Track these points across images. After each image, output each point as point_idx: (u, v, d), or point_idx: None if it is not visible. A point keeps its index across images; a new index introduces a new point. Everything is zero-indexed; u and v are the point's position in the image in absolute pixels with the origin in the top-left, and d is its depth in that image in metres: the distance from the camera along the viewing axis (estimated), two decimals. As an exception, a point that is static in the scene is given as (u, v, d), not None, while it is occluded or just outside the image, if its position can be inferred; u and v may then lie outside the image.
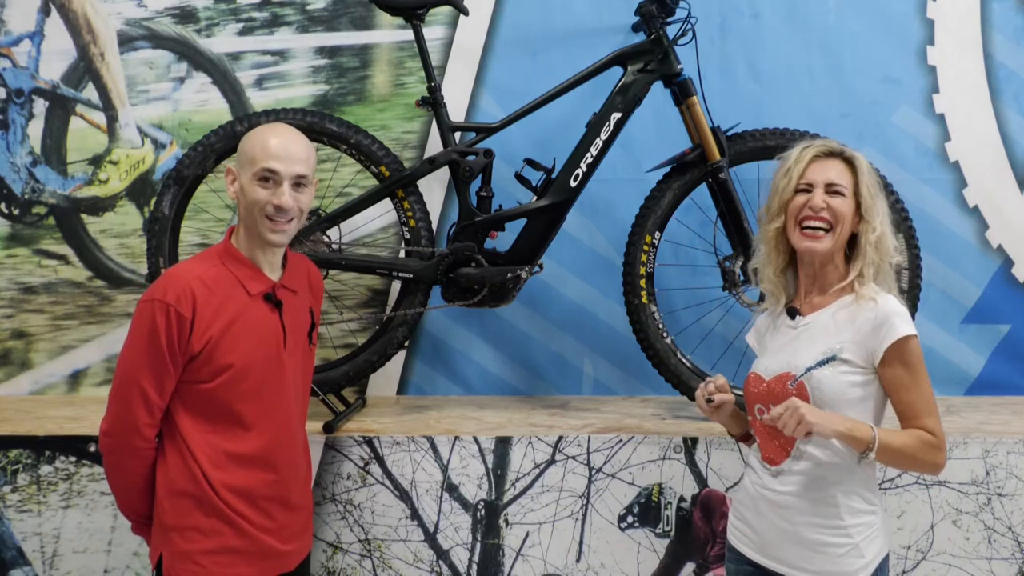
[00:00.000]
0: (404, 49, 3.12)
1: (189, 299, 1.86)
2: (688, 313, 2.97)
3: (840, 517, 1.84)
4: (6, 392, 3.17)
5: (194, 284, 1.88)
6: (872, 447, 1.77)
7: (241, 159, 1.97)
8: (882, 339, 1.80)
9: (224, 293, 1.92)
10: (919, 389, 1.82)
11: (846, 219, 1.88)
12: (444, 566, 2.54)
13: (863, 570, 1.83)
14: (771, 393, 1.90)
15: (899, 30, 3.08)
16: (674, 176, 2.74)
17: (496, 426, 2.64)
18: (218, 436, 1.92)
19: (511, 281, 2.70)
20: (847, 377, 1.83)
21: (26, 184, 3.17)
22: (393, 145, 3.02)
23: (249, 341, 1.93)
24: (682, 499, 2.51)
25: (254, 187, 1.93)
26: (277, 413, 2.00)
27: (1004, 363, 3.10)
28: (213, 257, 1.97)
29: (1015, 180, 3.09)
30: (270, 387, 1.98)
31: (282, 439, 2.02)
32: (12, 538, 2.55)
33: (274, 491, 2.00)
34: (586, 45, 2.97)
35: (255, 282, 1.96)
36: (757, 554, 1.93)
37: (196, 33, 3.15)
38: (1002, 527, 2.47)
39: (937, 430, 1.81)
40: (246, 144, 1.98)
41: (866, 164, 1.92)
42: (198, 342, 1.87)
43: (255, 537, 1.95)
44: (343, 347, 3.06)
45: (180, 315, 1.85)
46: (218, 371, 1.90)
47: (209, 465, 1.91)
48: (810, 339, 1.89)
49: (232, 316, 1.91)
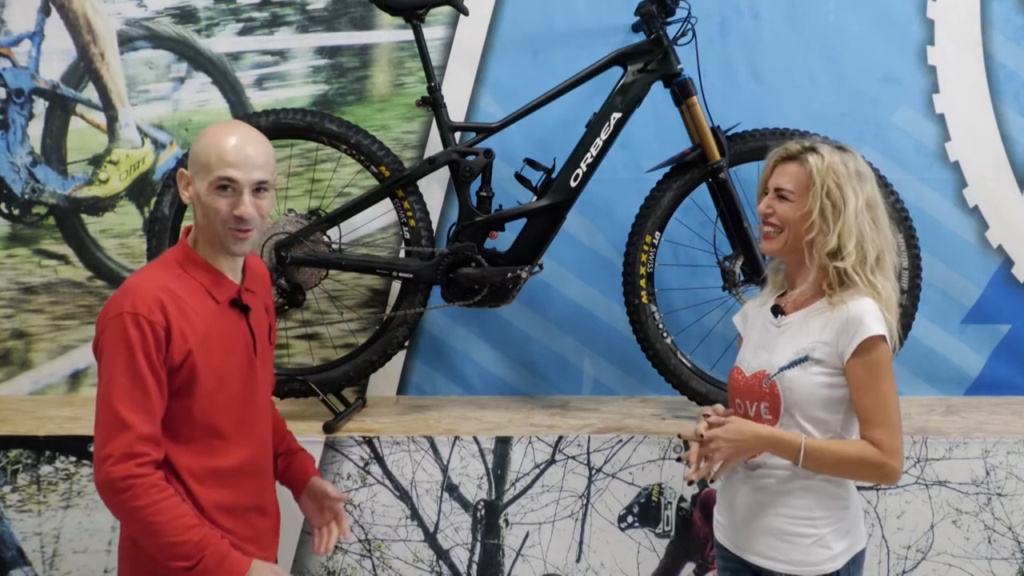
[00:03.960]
0: (404, 49, 3.12)
1: (159, 308, 1.72)
2: (688, 313, 2.97)
3: (810, 509, 1.86)
4: (6, 392, 3.17)
5: (161, 294, 1.74)
6: (798, 459, 1.79)
7: (195, 164, 1.80)
8: (850, 339, 1.81)
9: (194, 303, 1.79)
10: (876, 395, 1.80)
11: (791, 223, 1.89)
12: (444, 566, 2.54)
13: (830, 562, 1.85)
14: (748, 389, 1.92)
15: (899, 30, 3.07)
16: (674, 176, 2.74)
17: (496, 426, 2.64)
18: (200, 452, 1.82)
19: (511, 281, 2.70)
20: (818, 378, 1.84)
21: (26, 184, 3.16)
22: (393, 145, 3.01)
23: (223, 351, 1.83)
24: (682, 499, 2.52)
25: (212, 196, 1.79)
26: (253, 422, 1.92)
27: (1004, 363, 3.10)
28: (172, 264, 1.83)
29: (1015, 180, 3.09)
30: (246, 396, 1.89)
31: (259, 447, 1.95)
32: (12, 538, 2.55)
33: (253, 500, 1.93)
34: (586, 45, 2.97)
35: (221, 289, 1.84)
36: (737, 547, 1.95)
37: (196, 33, 3.15)
38: (1002, 527, 2.47)
39: (885, 441, 1.79)
40: (199, 148, 1.81)
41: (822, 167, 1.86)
42: (178, 354, 1.74)
43: (239, 547, 1.85)
44: (343, 347, 3.06)
45: (152, 323, 1.71)
46: (198, 385, 1.78)
47: (193, 482, 1.80)
48: (788, 339, 1.90)
49: (206, 327, 1.79)
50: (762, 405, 1.89)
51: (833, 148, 1.91)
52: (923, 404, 2.94)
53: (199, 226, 1.85)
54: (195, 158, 1.82)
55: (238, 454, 1.87)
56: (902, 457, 1.84)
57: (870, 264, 1.85)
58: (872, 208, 1.88)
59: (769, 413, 1.88)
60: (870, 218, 1.87)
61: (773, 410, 1.87)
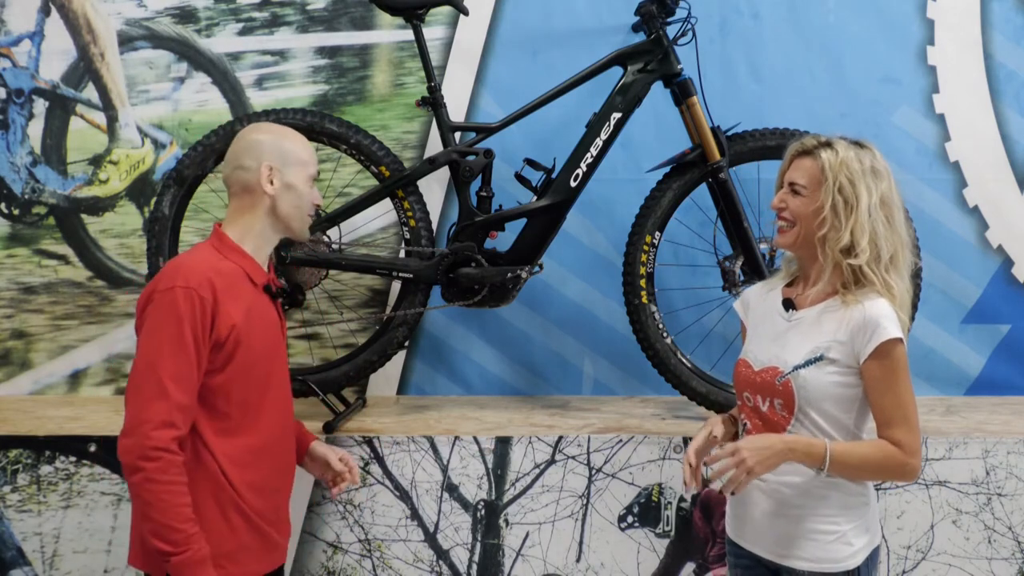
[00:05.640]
0: (404, 49, 3.12)
1: (208, 285, 1.83)
2: (688, 313, 2.97)
3: (830, 506, 1.86)
4: (6, 392, 3.17)
5: (210, 272, 1.86)
6: (823, 465, 1.79)
7: (288, 159, 1.98)
8: (867, 341, 1.80)
9: (236, 282, 1.92)
10: (895, 395, 1.81)
11: (803, 219, 1.88)
12: (444, 566, 2.54)
13: (851, 558, 1.85)
14: (759, 384, 1.91)
15: (899, 30, 3.08)
16: (674, 176, 2.74)
17: (496, 426, 2.64)
18: (233, 431, 1.90)
19: (511, 281, 2.70)
20: (832, 377, 1.84)
21: (26, 184, 3.16)
22: (393, 145, 3.02)
23: (261, 331, 1.95)
24: (682, 499, 2.52)
25: (307, 187, 2.01)
26: (281, 401, 2.03)
27: (1004, 363, 3.10)
28: (211, 250, 1.95)
29: (1015, 180, 3.09)
30: (276, 377, 2.01)
31: (285, 427, 2.05)
32: (12, 538, 2.55)
33: (279, 481, 2.02)
34: (586, 45, 2.97)
35: (257, 274, 1.98)
36: (751, 544, 1.94)
37: (196, 33, 3.15)
38: (1002, 527, 2.47)
39: (905, 440, 1.80)
40: (290, 144, 2.01)
41: (835, 162, 1.85)
42: (224, 328, 1.84)
43: (265, 532, 1.96)
44: (343, 347, 3.06)
45: (203, 299, 1.81)
46: (239, 361, 1.88)
47: (226, 461, 1.88)
48: (800, 335, 1.89)
49: (248, 305, 1.92)
50: (775, 401, 1.88)
51: (849, 144, 1.89)
52: (923, 404, 2.93)
53: (269, 215, 1.98)
54: (288, 152, 1.99)
55: (266, 432, 1.96)
56: (921, 455, 1.84)
57: (884, 262, 1.84)
58: (887, 206, 1.86)
59: (783, 410, 1.87)
60: (884, 216, 1.85)
61: (787, 407, 1.86)
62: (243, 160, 1.97)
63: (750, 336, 2.03)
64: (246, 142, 2.00)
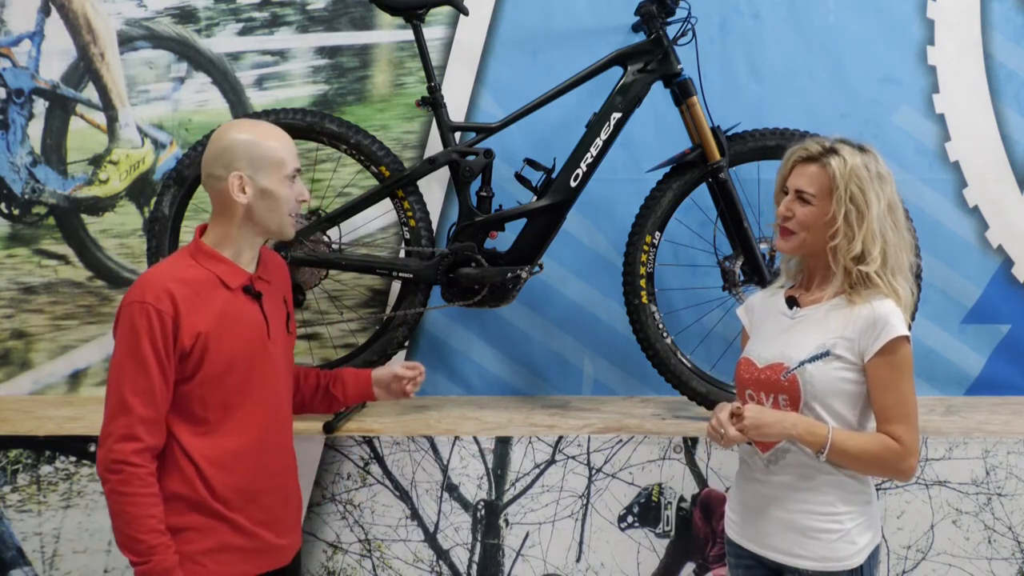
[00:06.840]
0: (404, 49, 3.12)
1: (167, 296, 1.84)
2: (688, 313, 2.97)
3: (833, 504, 1.86)
4: (6, 392, 3.17)
5: (170, 284, 1.86)
6: (824, 449, 1.79)
7: (260, 162, 1.93)
8: (875, 338, 1.81)
9: (204, 290, 1.90)
10: (898, 393, 1.82)
11: (810, 227, 1.88)
12: (444, 566, 2.54)
13: (855, 556, 1.85)
14: (763, 381, 1.91)
15: (899, 30, 3.07)
16: (674, 176, 2.74)
17: (496, 426, 2.64)
18: (212, 433, 1.91)
19: (511, 281, 2.70)
20: (838, 373, 1.84)
21: (26, 184, 3.16)
22: (393, 145, 3.01)
23: (234, 336, 1.93)
24: (682, 499, 2.51)
25: (284, 188, 1.96)
26: (269, 403, 2.00)
27: (1004, 363, 3.10)
28: (185, 257, 1.96)
29: (1015, 180, 3.09)
30: (259, 378, 1.97)
31: (276, 429, 2.03)
32: (12, 538, 2.55)
33: (269, 482, 2.00)
34: (586, 45, 2.97)
35: (232, 276, 1.95)
36: (753, 544, 1.95)
37: (196, 33, 3.15)
38: (1002, 527, 2.47)
39: (905, 438, 1.81)
40: (260, 148, 1.94)
41: (845, 171, 1.84)
42: (188, 337, 1.85)
43: (252, 532, 1.95)
44: (343, 347, 3.06)
45: (160, 312, 1.82)
46: (210, 367, 1.88)
47: (205, 463, 1.89)
48: (804, 332, 1.89)
49: (217, 311, 1.90)
50: (780, 397, 1.88)
51: (854, 149, 1.88)
52: (923, 404, 2.93)
53: (246, 220, 1.96)
54: (257, 157, 1.93)
55: (251, 433, 1.95)
56: (919, 455, 1.85)
57: (891, 267, 1.85)
58: (893, 211, 1.87)
59: (788, 406, 1.87)
60: (891, 221, 1.86)
61: (792, 402, 1.87)
62: (213, 169, 1.95)
63: (753, 337, 2.03)
64: (217, 148, 1.95)
